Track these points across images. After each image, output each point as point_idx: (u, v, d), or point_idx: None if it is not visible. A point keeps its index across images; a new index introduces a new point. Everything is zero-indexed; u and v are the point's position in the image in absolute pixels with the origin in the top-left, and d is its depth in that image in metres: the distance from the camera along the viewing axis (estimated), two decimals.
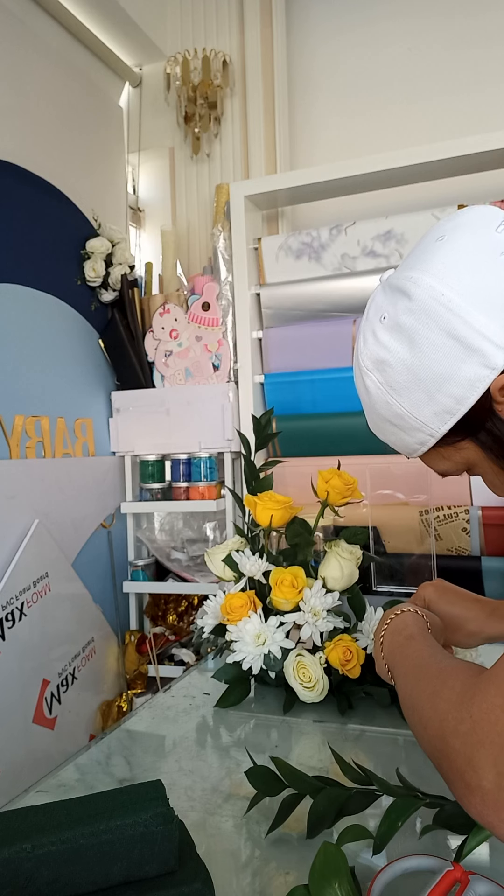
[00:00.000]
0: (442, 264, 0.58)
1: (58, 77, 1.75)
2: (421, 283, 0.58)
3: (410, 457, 0.68)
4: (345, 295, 1.69)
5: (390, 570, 1.35)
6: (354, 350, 0.65)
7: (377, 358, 0.62)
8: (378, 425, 0.67)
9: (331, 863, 0.51)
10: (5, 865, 0.49)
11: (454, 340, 0.56)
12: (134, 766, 0.85)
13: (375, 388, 0.63)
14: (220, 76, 2.00)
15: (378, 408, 0.64)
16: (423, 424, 0.61)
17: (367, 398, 0.66)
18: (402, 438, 0.65)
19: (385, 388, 0.62)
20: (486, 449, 0.61)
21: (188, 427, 1.81)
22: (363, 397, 0.67)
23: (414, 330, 0.58)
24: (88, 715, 1.69)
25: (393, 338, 0.60)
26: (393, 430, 0.65)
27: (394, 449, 0.70)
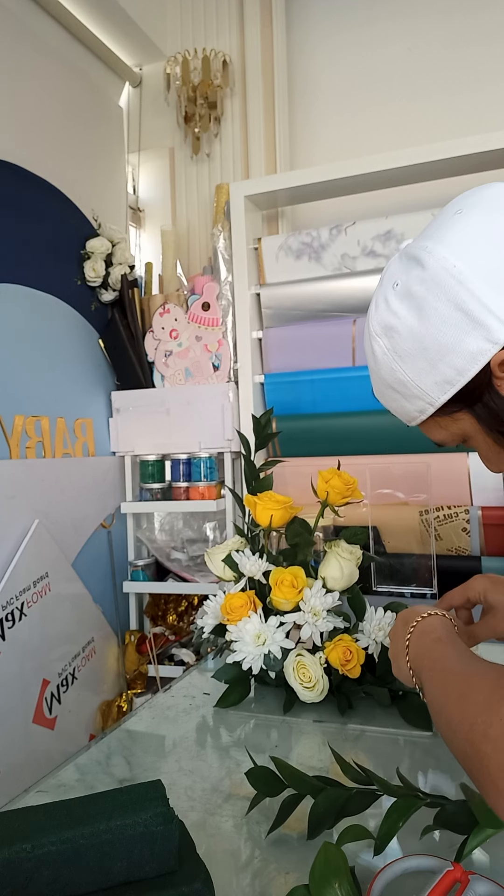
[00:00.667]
0: (457, 237, 0.59)
1: (58, 77, 1.75)
2: (435, 253, 0.59)
3: (410, 424, 0.70)
4: (345, 295, 1.69)
5: (390, 570, 1.34)
6: (367, 314, 0.66)
7: (386, 324, 0.63)
8: (381, 391, 0.69)
9: (331, 863, 0.51)
10: (5, 865, 0.49)
11: (461, 313, 0.57)
12: (134, 766, 0.85)
13: (382, 354, 0.64)
14: (220, 76, 2.00)
15: (383, 373, 0.65)
16: (423, 393, 0.62)
17: (373, 363, 0.67)
18: (403, 405, 0.66)
19: (391, 354, 0.63)
20: (481, 422, 0.63)
21: (188, 427, 1.81)
22: (370, 362, 0.68)
23: (423, 299, 0.59)
24: (88, 715, 1.69)
25: (403, 305, 0.61)
26: (395, 396, 0.66)
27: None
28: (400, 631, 0.74)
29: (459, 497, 1.54)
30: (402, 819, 0.59)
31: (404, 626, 0.73)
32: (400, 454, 1.59)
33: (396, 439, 1.60)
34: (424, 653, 0.67)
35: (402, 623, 0.75)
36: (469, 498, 1.54)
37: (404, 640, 0.71)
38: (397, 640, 0.73)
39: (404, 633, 0.72)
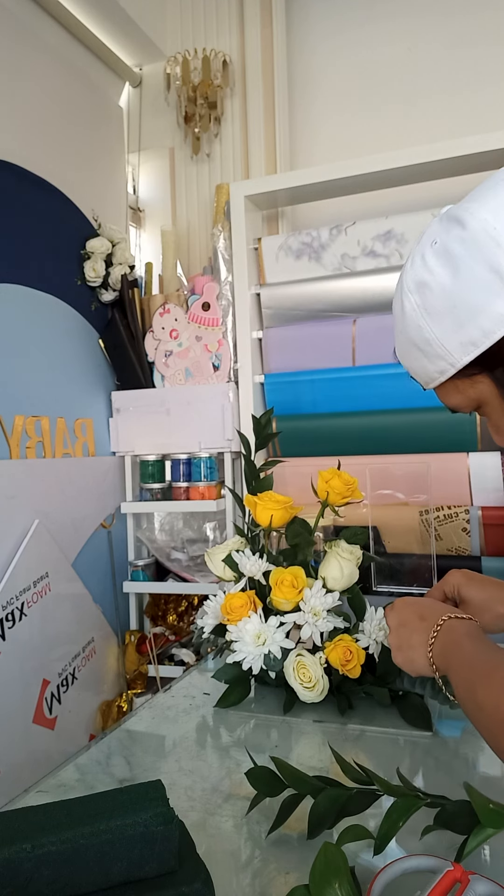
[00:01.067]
0: (501, 201, 0.60)
1: (58, 77, 1.75)
2: (477, 214, 0.60)
3: (427, 387, 0.70)
4: (345, 295, 1.69)
5: (390, 570, 1.34)
6: (401, 272, 0.67)
7: (420, 280, 0.63)
8: (404, 349, 0.69)
9: (331, 863, 0.51)
10: (5, 865, 0.49)
11: (495, 275, 0.58)
12: (134, 766, 0.85)
13: (412, 310, 0.64)
14: (220, 76, 2.00)
15: (409, 330, 0.66)
16: (447, 353, 0.63)
17: (401, 320, 0.67)
18: (424, 365, 0.67)
19: (420, 311, 0.64)
20: (500, 386, 0.64)
21: (188, 427, 1.81)
22: (397, 319, 0.68)
23: (460, 258, 0.60)
24: (88, 715, 1.69)
25: (439, 263, 0.62)
26: (417, 355, 0.67)
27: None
28: (417, 624, 0.76)
29: (459, 497, 1.54)
30: (402, 819, 0.59)
31: (422, 621, 0.75)
32: (400, 454, 1.59)
33: (396, 439, 1.60)
34: (454, 644, 0.69)
35: (416, 617, 0.77)
36: (469, 498, 1.54)
37: (429, 633, 0.73)
38: (416, 632, 0.75)
39: (428, 627, 0.74)
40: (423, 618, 0.76)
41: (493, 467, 1.51)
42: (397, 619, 0.79)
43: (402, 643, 0.77)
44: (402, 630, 0.78)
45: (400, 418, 1.60)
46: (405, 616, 0.79)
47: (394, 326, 0.70)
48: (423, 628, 0.75)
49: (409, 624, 0.77)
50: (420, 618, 0.76)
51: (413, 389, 1.70)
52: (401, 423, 1.60)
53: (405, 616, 0.79)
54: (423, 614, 0.76)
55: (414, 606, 0.79)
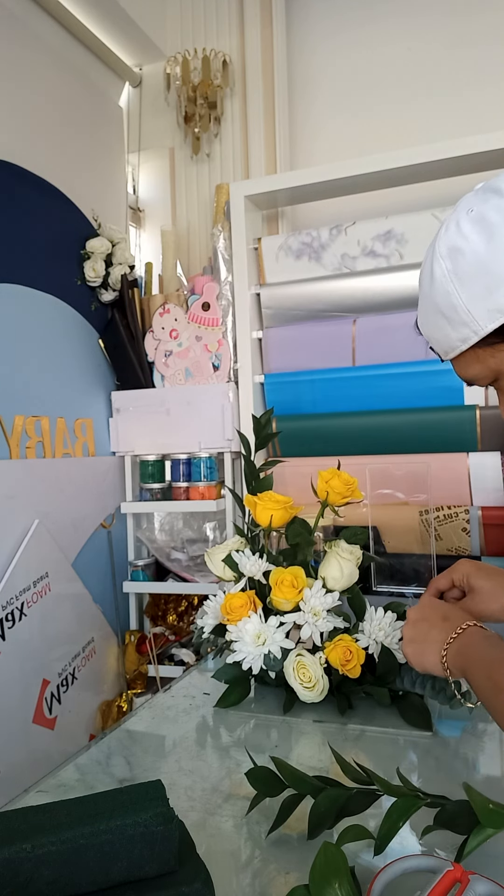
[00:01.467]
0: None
1: (58, 77, 1.75)
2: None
3: (446, 357, 0.71)
4: (345, 295, 1.69)
5: (390, 570, 1.34)
6: (432, 241, 0.68)
7: (454, 245, 0.64)
8: (428, 317, 0.70)
9: (331, 863, 0.51)
10: (5, 865, 0.49)
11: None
12: (134, 766, 0.85)
13: (441, 276, 0.65)
14: (220, 76, 2.00)
15: (436, 297, 0.66)
16: (472, 320, 0.64)
17: (428, 287, 0.68)
18: (447, 334, 0.67)
19: (450, 276, 0.65)
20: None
21: (188, 427, 1.81)
22: (424, 286, 0.69)
23: (496, 225, 0.62)
24: (88, 715, 1.69)
25: (474, 230, 0.63)
26: (441, 323, 0.67)
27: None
28: (438, 622, 0.78)
29: (459, 497, 1.54)
30: (402, 819, 0.59)
31: (445, 621, 0.78)
32: (400, 454, 1.59)
33: (396, 439, 1.60)
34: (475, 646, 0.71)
35: (440, 616, 0.79)
36: (469, 498, 1.54)
37: (449, 634, 0.75)
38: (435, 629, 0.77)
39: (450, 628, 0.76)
40: (446, 618, 0.78)
41: (493, 467, 1.51)
42: (419, 614, 0.81)
43: (416, 636, 0.79)
44: (422, 624, 0.79)
45: (400, 418, 1.60)
46: (429, 613, 0.80)
47: (419, 295, 0.71)
48: (445, 627, 0.76)
49: (430, 620, 0.79)
50: (444, 618, 0.78)
51: (413, 389, 1.71)
52: (401, 423, 1.60)
53: (429, 613, 0.80)
54: (448, 616, 0.78)
55: (441, 608, 0.81)
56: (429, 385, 1.58)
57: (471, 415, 1.52)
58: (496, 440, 1.53)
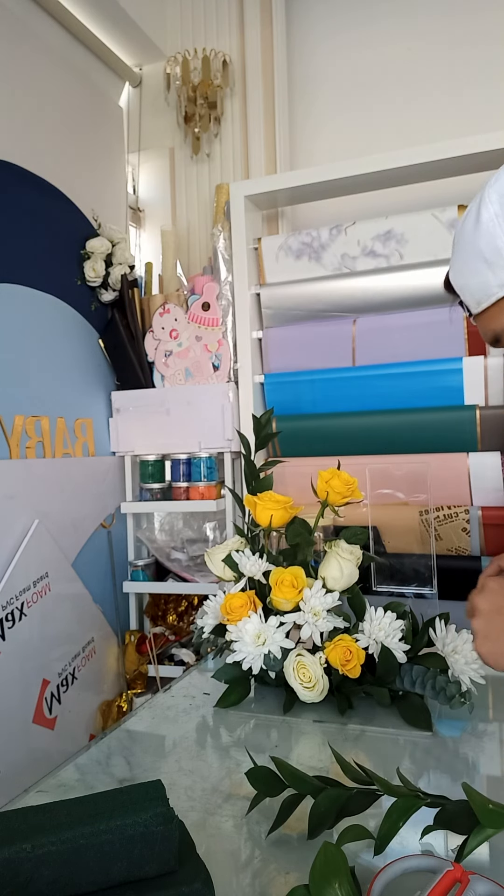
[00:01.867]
0: None
1: (58, 77, 1.75)
2: None
3: (479, 307, 0.70)
4: (345, 295, 1.69)
5: (390, 570, 1.34)
6: (482, 189, 0.69)
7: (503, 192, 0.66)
8: (465, 264, 0.70)
9: (331, 863, 0.50)
10: (5, 865, 0.49)
11: None
12: (134, 766, 0.85)
13: (489, 219, 0.66)
14: (220, 76, 2.00)
15: (479, 241, 0.67)
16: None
17: (471, 232, 0.68)
18: (486, 279, 0.68)
19: (498, 220, 0.66)
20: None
21: (188, 427, 1.81)
22: (466, 232, 0.69)
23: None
24: (88, 715, 1.69)
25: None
26: (481, 268, 0.67)
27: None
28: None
29: (459, 497, 1.54)
30: (402, 819, 0.59)
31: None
32: (400, 454, 1.59)
33: (396, 439, 1.60)
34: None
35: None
36: (469, 498, 1.54)
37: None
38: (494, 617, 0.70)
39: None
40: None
41: (493, 467, 1.51)
42: (492, 603, 0.71)
43: (491, 632, 0.70)
44: (497, 618, 0.70)
45: (400, 418, 1.60)
46: (501, 602, 0.71)
47: (456, 246, 0.71)
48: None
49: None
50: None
51: (413, 389, 1.70)
52: (401, 423, 1.60)
53: (501, 602, 0.71)
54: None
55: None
56: (429, 385, 1.58)
57: (471, 415, 1.52)
58: (496, 440, 1.53)
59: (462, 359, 1.55)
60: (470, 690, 0.94)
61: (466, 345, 1.56)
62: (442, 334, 1.58)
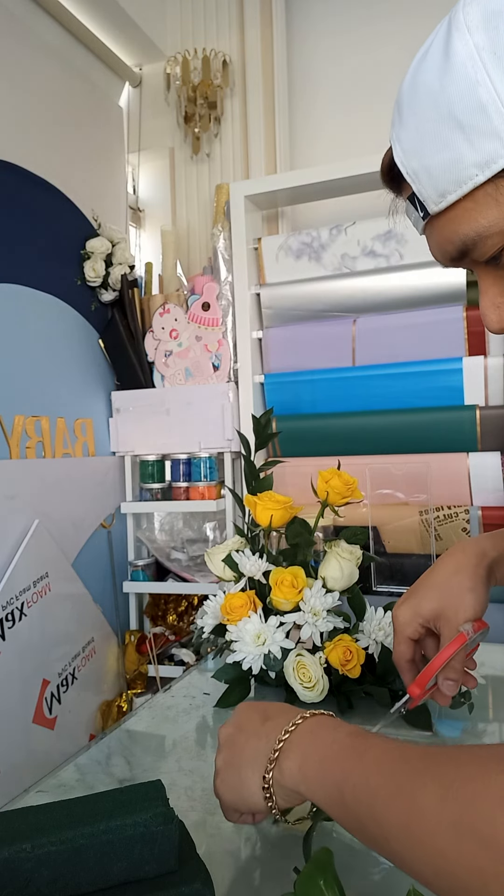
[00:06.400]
0: None
1: (58, 77, 1.75)
2: None
3: (441, 202, 0.45)
4: (345, 295, 1.69)
5: (390, 570, 1.35)
6: (448, 15, 0.45)
7: (495, 9, 0.41)
8: (425, 132, 0.44)
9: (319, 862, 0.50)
10: (5, 865, 0.49)
11: None
12: (134, 766, 0.85)
13: (466, 57, 0.41)
14: (220, 76, 2.00)
15: (450, 93, 0.42)
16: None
17: (434, 81, 0.44)
18: (459, 155, 0.42)
19: (481, 56, 0.41)
20: None
21: (188, 427, 1.81)
22: (425, 81, 0.45)
23: None
24: (88, 715, 1.69)
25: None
26: (453, 136, 0.42)
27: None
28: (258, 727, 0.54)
29: (459, 497, 1.54)
30: None
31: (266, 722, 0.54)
32: (400, 454, 1.59)
33: (396, 439, 1.60)
34: (339, 752, 0.47)
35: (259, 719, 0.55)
36: (469, 498, 1.54)
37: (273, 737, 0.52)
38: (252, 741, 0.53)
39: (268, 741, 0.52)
40: (267, 718, 0.55)
41: (493, 467, 1.51)
42: (233, 726, 0.57)
43: (231, 760, 0.55)
44: (237, 738, 0.55)
45: (400, 418, 1.60)
46: (244, 720, 0.57)
47: (406, 101, 0.47)
48: (267, 732, 0.53)
49: (246, 729, 0.56)
50: (264, 718, 0.55)
51: (413, 389, 1.70)
52: (401, 423, 1.60)
53: (244, 720, 0.57)
54: (268, 712, 0.56)
55: (260, 708, 0.58)
56: (429, 385, 1.58)
57: (471, 415, 1.52)
58: (496, 440, 1.53)
59: (462, 359, 1.55)
60: (470, 690, 0.94)
61: (466, 345, 1.56)
62: (442, 334, 1.58)
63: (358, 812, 0.42)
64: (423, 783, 0.39)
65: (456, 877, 0.35)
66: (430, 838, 0.37)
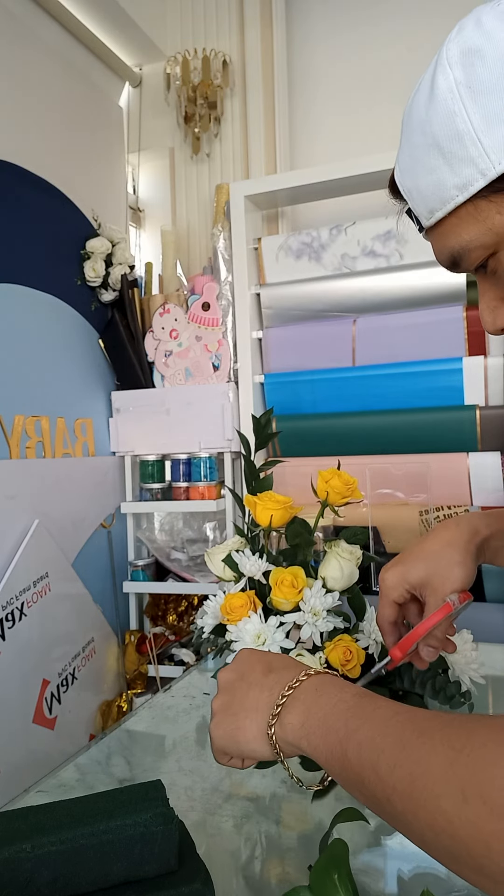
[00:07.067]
0: None
1: (58, 77, 1.75)
2: None
3: (431, 218, 0.52)
4: (345, 295, 1.69)
5: None
6: (439, 50, 0.49)
7: (470, 47, 0.46)
8: (415, 158, 0.51)
9: (334, 856, 0.50)
10: (5, 865, 0.49)
11: None
12: (134, 766, 0.85)
13: (447, 90, 0.47)
14: (220, 76, 2.00)
15: (433, 124, 0.48)
16: (481, 153, 0.46)
17: (423, 110, 0.50)
18: (441, 178, 0.49)
19: (459, 91, 0.46)
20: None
21: (188, 427, 1.81)
22: (417, 111, 0.51)
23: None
24: (88, 715, 1.69)
25: (502, 26, 0.45)
26: (436, 163, 0.49)
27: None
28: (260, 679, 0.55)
29: (459, 497, 1.54)
30: None
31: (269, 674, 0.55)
32: (400, 454, 1.59)
33: (396, 439, 1.60)
34: (344, 711, 0.47)
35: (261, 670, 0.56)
36: (469, 498, 1.54)
37: (276, 691, 0.52)
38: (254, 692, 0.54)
39: (271, 694, 0.52)
40: (271, 670, 0.56)
41: (493, 467, 1.51)
42: (233, 673, 0.58)
43: (230, 705, 0.55)
44: (237, 686, 0.56)
45: (400, 418, 1.60)
46: (245, 668, 0.57)
47: (404, 131, 0.54)
48: (269, 684, 0.53)
49: (247, 677, 0.56)
50: (267, 670, 0.56)
51: (413, 389, 1.70)
52: (401, 423, 1.60)
53: (245, 668, 0.57)
54: (270, 663, 0.57)
55: (264, 657, 0.58)
56: (429, 385, 1.58)
57: (471, 415, 1.52)
58: (496, 440, 1.52)
59: (462, 359, 1.55)
60: (470, 690, 0.94)
61: (466, 345, 1.56)
62: (442, 334, 1.58)
63: (361, 770, 0.42)
64: (432, 745, 0.39)
65: (458, 839, 0.36)
66: (435, 800, 0.37)
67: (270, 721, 0.50)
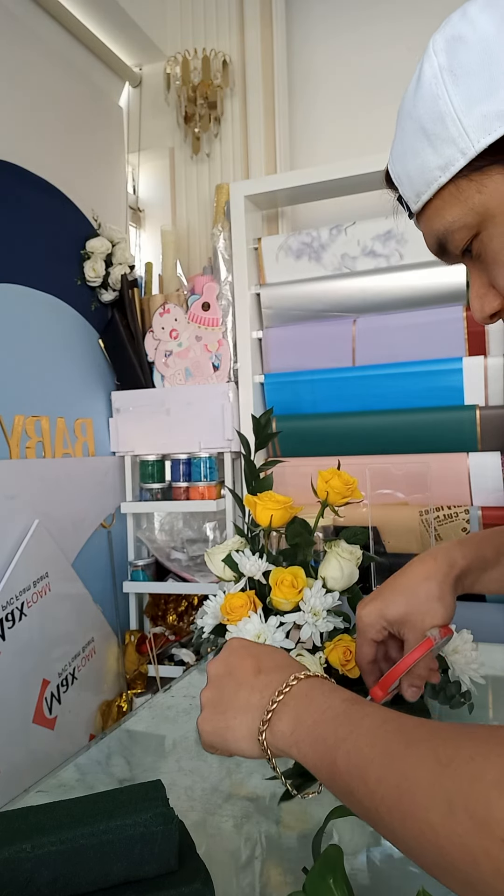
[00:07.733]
0: None
1: (58, 77, 1.75)
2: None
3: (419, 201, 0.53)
4: (345, 295, 1.69)
5: (390, 570, 1.34)
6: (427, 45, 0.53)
7: (454, 35, 0.51)
8: (405, 144, 0.54)
9: (329, 861, 0.50)
10: (5, 865, 0.49)
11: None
12: (134, 766, 0.85)
13: (431, 76, 0.50)
14: (220, 76, 2.00)
15: (419, 107, 0.51)
16: (461, 133, 0.47)
17: (411, 98, 0.53)
18: (425, 160, 0.51)
19: (442, 75, 0.49)
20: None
21: (188, 427, 1.81)
22: (407, 100, 0.54)
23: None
24: (88, 715, 1.69)
25: (485, 14, 0.49)
26: (421, 146, 0.51)
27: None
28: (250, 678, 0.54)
29: (459, 497, 1.54)
30: None
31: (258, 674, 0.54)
32: (400, 454, 1.59)
33: (396, 439, 1.60)
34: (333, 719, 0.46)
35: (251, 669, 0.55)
36: (469, 498, 1.54)
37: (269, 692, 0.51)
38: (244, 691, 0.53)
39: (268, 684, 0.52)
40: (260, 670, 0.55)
41: (493, 467, 1.51)
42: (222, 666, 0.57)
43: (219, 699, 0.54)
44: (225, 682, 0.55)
45: (400, 418, 1.60)
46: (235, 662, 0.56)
47: (398, 119, 0.56)
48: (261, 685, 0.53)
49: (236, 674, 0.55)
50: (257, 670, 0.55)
51: (413, 389, 1.70)
52: (401, 423, 1.60)
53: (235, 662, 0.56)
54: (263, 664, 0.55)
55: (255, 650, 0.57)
56: (429, 385, 1.58)
57: (471, 415, 1.52)
58: (496, 440, 1.53)
59: (462, 359, 1.55)
60: (470, 690, 0.94)
61: (466, 345, 1.56)
62: (442, 334, 1.58)
63: (349, 780, 0.42)
64: (419, 756, 0.39)
65: (445, 853, 0.35)
66: (422, 812, 0.37)
67: (261, 727, 0.50)
